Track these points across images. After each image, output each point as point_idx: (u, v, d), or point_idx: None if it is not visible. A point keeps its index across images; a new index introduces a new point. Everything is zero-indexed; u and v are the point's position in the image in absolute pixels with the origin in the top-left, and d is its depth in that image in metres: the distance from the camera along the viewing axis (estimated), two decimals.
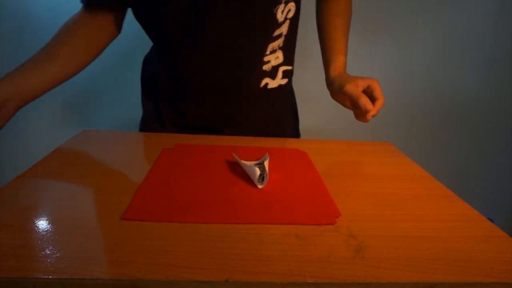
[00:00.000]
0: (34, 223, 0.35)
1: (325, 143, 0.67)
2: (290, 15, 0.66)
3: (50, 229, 0.34)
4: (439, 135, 1.44)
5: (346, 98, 0.62)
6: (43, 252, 0.31)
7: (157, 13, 0.61)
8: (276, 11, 0.62)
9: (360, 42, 1.26)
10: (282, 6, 0.62)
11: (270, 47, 0.67)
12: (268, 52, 0.67)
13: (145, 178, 0.46)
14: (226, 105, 0.69)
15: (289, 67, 0.72)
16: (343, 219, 0.39)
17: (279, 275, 0.30)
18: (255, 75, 0.68)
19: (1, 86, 0.53)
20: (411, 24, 1.26)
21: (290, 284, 0.29)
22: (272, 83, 0.70)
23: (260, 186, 0.45)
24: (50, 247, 0.31)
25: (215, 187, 0.45)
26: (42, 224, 0.35)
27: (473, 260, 0.33)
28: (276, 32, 0.65)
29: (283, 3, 0.62)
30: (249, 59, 0.66)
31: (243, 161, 0.50)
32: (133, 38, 0.68)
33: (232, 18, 0.61)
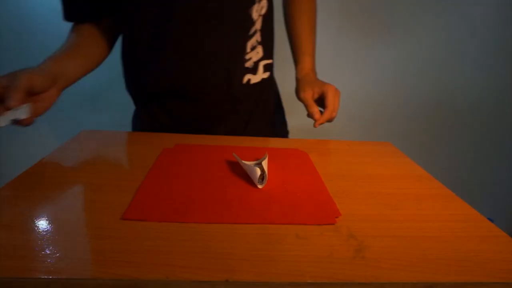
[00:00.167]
0: (34, 223, 0.35)
1: (325, 143, 0.67)
2: (263, 11, 0.67)
3: (50, 229, 0.34)
4: (439, 135, 1.44)
5: None
6: (43, 252, 0.31)
7: (132, 18, 0.62)
8: (251, 11, 0.64)
9: (360, 42, 1.27)
10: (256, 5, 0.64)
11: (249, 45, 0.67)
12: (248, 50, 0.68)
13: (145, 178, 0.46)
14: (213, 104, 0.70)
15: (269, 61, 0.73)
16: (343, 219, 0.39)
17: (279, 275, 0.30)
18: (238, 73, 0.69)
19: (50, 67, 0.55)
20: (411, 24, 1.26)
21: (290, 284, 0.29)
22: (255, 78, 0.71)
23: (260, 186, 0.45)
24: (50, 247, 0.31)
25: (215, 187, 0.45)
26: (42, 224, 0.35)
27: (473, 260, 0.33)
28: (251, 30, 0.66)
29: (257, 3, 0.64)
30: (230, 59, 0.67)
31: (243, 161, 0.50)
32: None
33: (209, 21, 0.62)
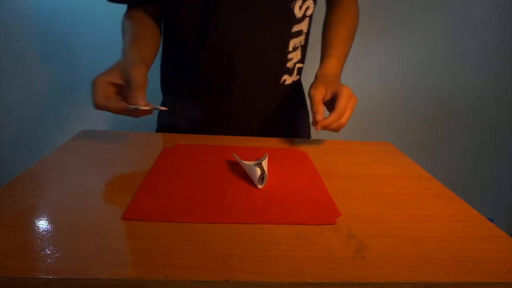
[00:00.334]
0: (34, 223, 0.35)
1: (325, 143, 0.67)
2: (309, 12, 0.67)
3: (50, 229, 0.34)
4: (439, 135, 1.44)
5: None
6: (43, 252, 0.31)
7: (175, 8, 0.63)
8: (293, 6, 0.64)
9: (360, 42, 1.26)
10: (299, 1, 0.64)
11: (292, 44, 0.67)
12: (290, 49, 0.68)
13: (145, 178, 0.46)
14: (247, 101, 0.70)
15: (302, 65, 0.74)
16: (343, 219, 0.39)
17: (279, 275, 0.30)
18: (278, 71, 0.69)
19: (140, 58, 0.58)
20: (411, 24, 1.26)
21: (290, 284, 0.29)
22: (289, 80, 0.72)
23: (260, 186, 0.45)
24: (50, 247, 0.31)
25: (215, 187, 0.45)
26: (42, 224, 0.35)
27: (473, 260, 0.33)
28: (295, 28, 0.66)
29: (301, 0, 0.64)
30: (270, 54, 0.67)
31: (243, 161, 0.50)
32: None
33: (248, 12, 0.62)
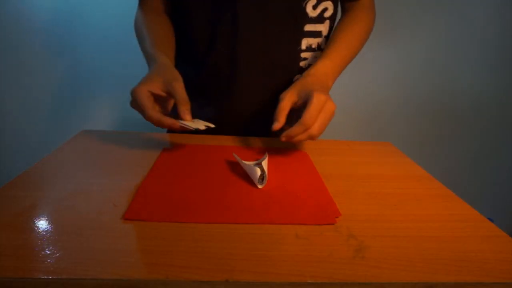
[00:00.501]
0: (34, 223, 0.35)
1: (325, 143, 0.67)
2: (328, 14, 0.66)
3: (50, 229, 0.34)
4: (439, 135, 1.44)
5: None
6: (43, 252, 0.31)
7: (187, 5, 0.64)
8: (305, 4, 0.63)
9: None
10: (313, 1, 0.63)
11: (305, 43, 0.66)
12: (304, 48, 0.67)
13: (145, 178, 0.46)
14: (258, 100, 0.69)
15: None
16: (343, 219, 0.39)
17: (279, 275, 0.30)
18: (290, 70, 0.68)
19: (170, 61, 0.58)
20: (411, 24, 1.26)
21: (290, 284, 0.29)
22: None
23: (260, 186, 0.45)
24: (50, 247, 0.31)
25: (215, 187, 0.45)
26: (42, 224, 0.35)
27: (473, 260, 0.33)
28: (309, 27, 0.65)
29: None
30: (281, 49, 0.66)
31: (243, 161, 0.50)
32: (132, 38, 0.68)
33: (261, 7, 0.61)
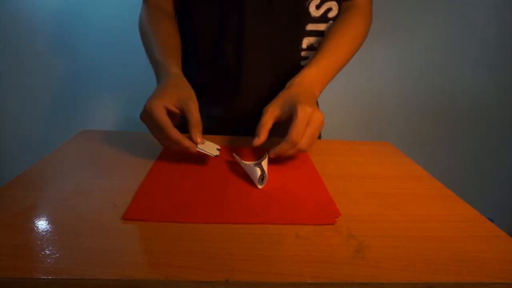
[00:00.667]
0: (34, 223, 0.35)
1: (325, 143, 0.67)
2: (332, 14, 0.65)
3: (50, 229, 0.34)
4: (439, 135, 1.44)
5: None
6: (43, 252, 0.31)
7: (193, 6, 0.64)
8: (308, 4, 0.63)
9: None
10: (316, 0, 0.63)
11: (306, 42, 0.67)
12: (304, 47, 0.67)
13: (145, 178, 0.46)
14: (262, 99, 0.69)
15: None
16: (343, 219, 0.39)
17: (279, 275, 0.30)
18: (291, 68, 0.68)
19: (181, 72, 0.56)
20: (411, 24, 1.26)
21: (290, 284, 0.29)
22: None
23: (260, 186, 0.45)
24: (50, 247, 0.31)
25: (215, 187, 0.45)
26: (42, 224, 0.35)
27: (473, 260, 0.33)
28: (311, 27, 0.65)
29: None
30: (282, 49, 0.66)
31: (243, 161, 0.50)
32: (132, 38, 0.68)
33: (263, 6, 0.61)
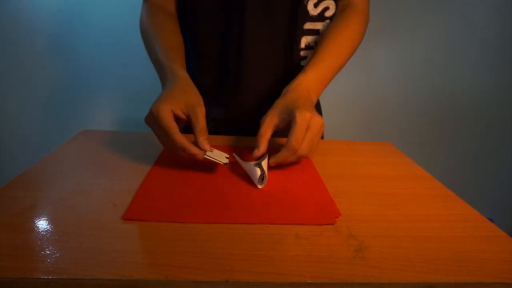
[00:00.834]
0: (34, 223, 0.35)
1: (325, 143, 0.67)
2: (329, 13, 0.65)
3: (50, 229, 0.34)
4: (439, 135, 1.44)
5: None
6: (43, 252, 0.31)
7: (196, 5, 0.64)
8: (307, 2, 0.63)
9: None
10: None
11: (304, 41, 0.66)
12: (303, 46, 0.67)
13: (145, 178, 0.46)
14: (263, 98, 0.69)
15: None
16: (343, 219, 0.39)
17: (279, 275, 0.30)
18: (290, 68, 0.68)
19: (187, 75, 0.55)
20: (411, 24, 1.26)
21: (290, 284, 0.29)
22: None
23: (260, 186, 0.45)
24: (50, 247, 0.31)
25: (215, 187, 0.45)
26: (42, 224, 0.35)
27: (473, 260, 0.33)
28: (309, 26, 0.65)
29: None
30: (280, 48, 0.66)
31: (243, 161, 0.50)
32: (132, 38, 0.68)
33: (263, 4, 0.61)
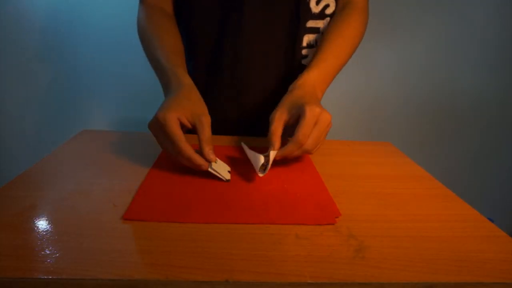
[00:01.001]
0: (34, 223, 0.35)
1: (325, 143, 0.66)
2: (329, 11, 0.65)
3: (50, 229, 0.34)
4: (439, 135, 1.44)
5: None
6: (43, 252, 0.31)
7: (189, 6, 0.64)
8: (309, 0, 0.63)
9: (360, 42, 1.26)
10: None
11: (306, 39, 0.66)
12: (304, 45, 0.67)
13: (145, 178, 0.46)
14: (263, 97, 0.69)
15: None
16: (343, 219, 0.39)
17: (279, 275, 0.30)
18: (291, 67, 0.68)
19: (192, 82, 0.54)
20: (411, 24, 1.26)
21: (290, 284, 0.29)
22: None
23: (260, 175, 0.45)
24: (50, 247, 0.31)
25: (215, 187, 0.45)
26: (42, 224, 0.35)
27: (473, 260, 0.33)
28: (311, 24, 0.65)
29: None
30: (282, 48, 0.66)
31: (250, 150, 0.50)
32: (132, 38, 0.68)
33: (260, 5, 0.61)
